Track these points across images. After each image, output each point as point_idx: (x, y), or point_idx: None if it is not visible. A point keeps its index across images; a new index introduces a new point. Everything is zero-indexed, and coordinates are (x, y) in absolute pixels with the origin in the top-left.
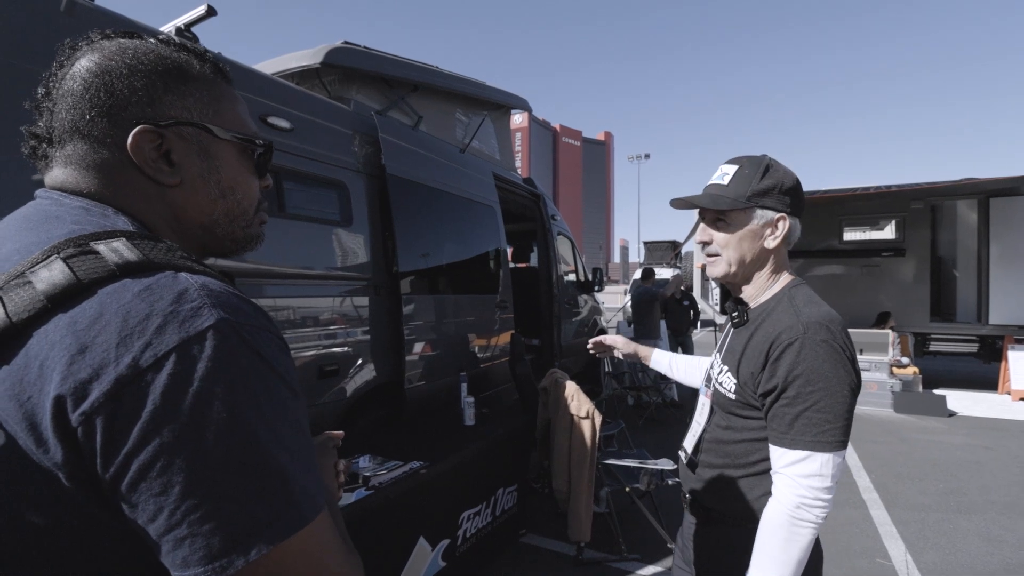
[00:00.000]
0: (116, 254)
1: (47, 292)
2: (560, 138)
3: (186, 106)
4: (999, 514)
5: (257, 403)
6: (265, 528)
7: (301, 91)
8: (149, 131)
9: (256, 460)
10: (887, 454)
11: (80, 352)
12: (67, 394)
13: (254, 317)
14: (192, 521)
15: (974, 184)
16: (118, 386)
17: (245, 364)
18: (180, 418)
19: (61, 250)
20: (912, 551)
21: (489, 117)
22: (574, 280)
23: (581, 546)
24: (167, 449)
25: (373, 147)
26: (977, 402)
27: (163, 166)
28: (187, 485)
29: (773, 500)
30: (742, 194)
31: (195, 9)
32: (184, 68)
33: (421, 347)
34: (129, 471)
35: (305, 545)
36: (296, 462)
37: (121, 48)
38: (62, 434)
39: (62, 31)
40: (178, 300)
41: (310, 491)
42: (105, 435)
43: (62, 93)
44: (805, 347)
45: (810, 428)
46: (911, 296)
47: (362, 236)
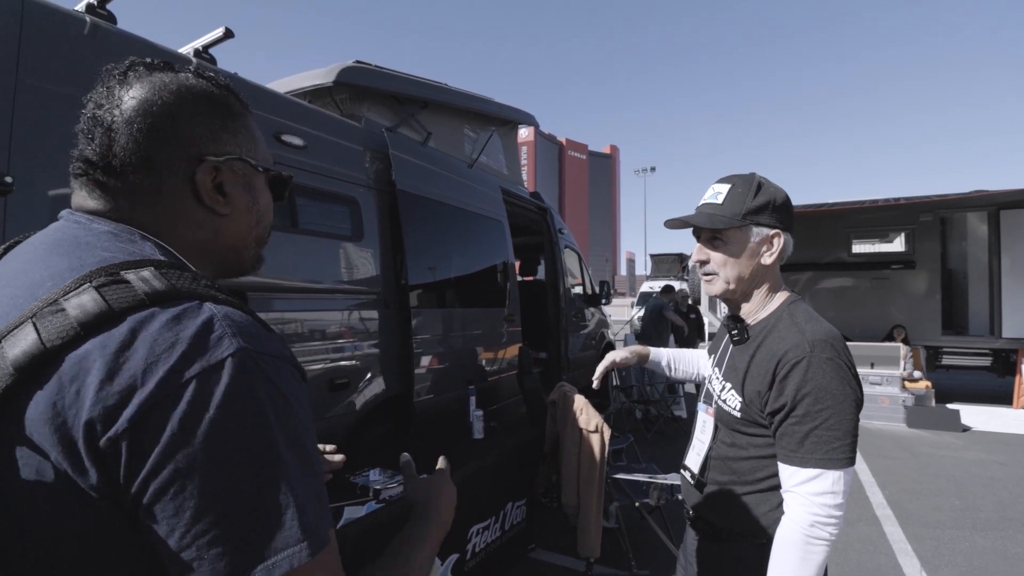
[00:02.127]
0: (145, 283)
1: (79, 319)
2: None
3: (237, 143)
4: (1016, 531)
5: (270, 435)
6: (271, 558)
7: (314, 109)
8: (213, 165)
9: (266, 490)
10: (900, 470)
11: (109, 378)
12: (96, 419)
13: (274, 347)
14: (200, 545)
15: (984, 196)
16: (142, 411)
17: (262, 395)
18: (195, 444)
19: (93, 279)
20: (928, 569)
21: (497, 132)
22: (581, 293)
23: (591, 562)
24: (181, 473)
25: (384, 163)
26: (991, 417)
27: (219, 198)
28: (198, 509)
29: (786, 519)
30: (738, 212)
31: (213, 32)
32: (232, 107)
33: (430, 360)
34: (147, 492)
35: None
36: (305, 496)
37: (178, 83)
38: (94, 457)
39: (86, 54)
40: (202, 330)
41: (316, 525)
42: (129, 458)
43: (124, 122)
44: (812, 365)
45: (820, 446)
46: (922, 309)
47: (372, 250)
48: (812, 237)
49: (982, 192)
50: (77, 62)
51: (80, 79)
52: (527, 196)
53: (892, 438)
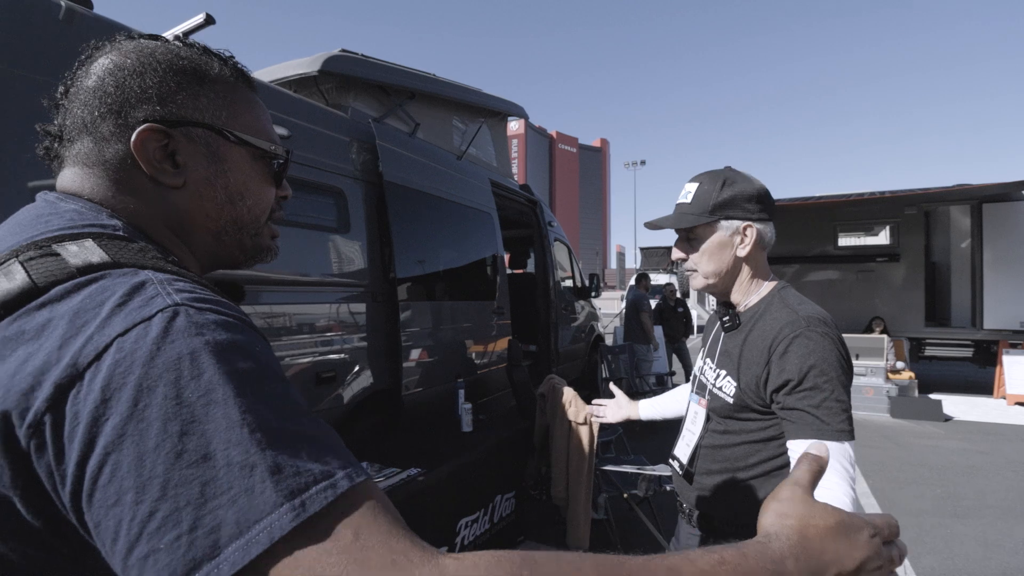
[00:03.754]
0: (78, 257)
1: (1, 299)
2: (556, 145)
3: (198, 107)
4: (996, 519)
5: (219, 385)
6: (243, 534)
7: (298, 99)
8: (155, 130)
9: (220, 452)
10: (884, 459)
11: (24, 361)
12: (12, 408)
13: (224, 307)
14: (150, 532)
15: (967, 190)
16: (58, 390)
17: (200, 344)
18: (121, 412)
19: (21, 253)
20: (909, 556)
21: (486, 124)
22: (571, 286)
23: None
24: (111, 448)
25: (370, 154)
26: (973, 406)
27: (167, 167)
28: (138, 489)
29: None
30: (704, 209)
31: (193, 18)
32: (201, 69)
33: (418, 353)
34: (83, 482)
35: (314, 540)
36: (284, 448)
37: (139, 47)
38: (13, 456)
39: (61, 40)
40: (131, 292)
41: (304, 482)
42: (54, 447)
43: (76, 90)
44: (812, 339)
45: (832, 418)
46: (906, 301)
47: (359, 243)
48: (799, 230)
49: (965, 186)
50: (52, 48)
51: (55, 65)
52: (516, 188)
53: (876, 428)
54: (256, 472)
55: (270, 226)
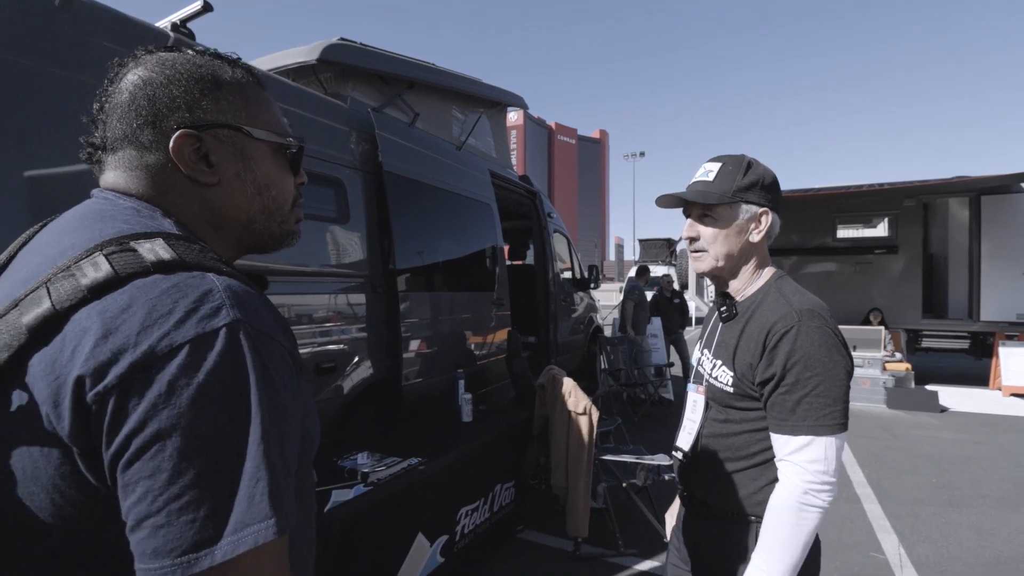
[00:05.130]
0: (152, 253)
1: (88, 284)
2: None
3: (220, 109)
4: (991, 508)
5: (253, 408)
6: (238, 531)
7: (297, 88)
8: (189, 135)
9: (243, 462)
10: (880, 449)
11: (104, 337)
12: (87, 374)
13: (269, 325)
14: (172, 510)
15: (966, 182)
16: (132, 370)
17: (250, 369)
18: (180, 406)
19: (105, 247)
20: (905, 545)
21: (485, 114)
22: (570, 277)
23: (578, 541)
24: (163, 434)
25: (370, 144)
26: (968, 398)
27: (203, 167)
28: (174, 472)
29: (780, 487)
30: (728, 190)
31: (191, 5)
32: (217, 74)
33: (418, 344)
34: (127, 451)
35: (272, 558)
36: (280, 474)
37: (160, 60)
38: (77, 411)
39: (57, 25)
40: (201, 299)
41: (285, 506)
42: (113, 414)
43: (112, 106)
44: (801, 334)
45: (811, 413)
46: (903, 293)
47: (359, 233)
48: (798, 222)
49: (964, 178)
50: (48, 34)
51: (50, 51)
52: (516, 179)
53: (872, 419)
54: (259, 487)
55: (295, 211)
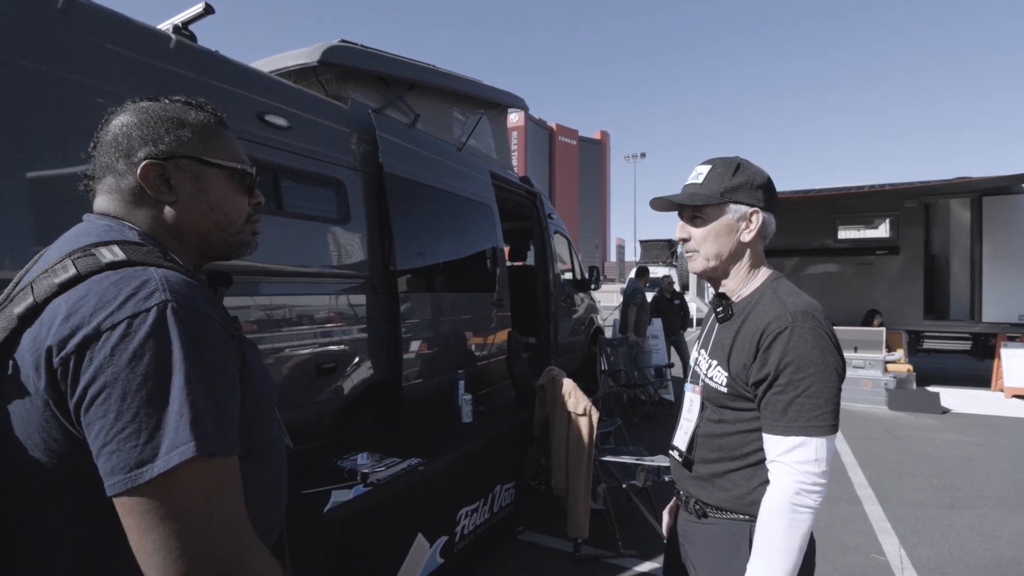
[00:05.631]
0: (108, 255)
1: (59, 282)
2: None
3: (181, 143)
4: (992, 510)
5: (171, 362)
6: (168, 453)
7: (298, 89)
8: (153, 163)
9: (167, 404)
10: (881, 451)
11: (67, 318)
12: (54, 345)
13: (199, 303)
14: (120, 439)
15: (967, 183)
16: (85, 340)
17: (173, 336)
18: (119, 364)
19: (73, 254)
20: (906, 546)
21: (486, 116)
22: (570, 278)
23: (578, 542)
24: (108, 384)
25: (370, 145)
26: (970, 399)
27: (164, 189)
28: (119, 412)
29: (772, 488)
30: (715, 191)
31: (193, 7)
32: (181, 116)
33: (418, 345)
34: (85, 399)
35: (204, 475)
36: (203, 413)
37: (138, 107)
38: (49, 372)
39: (60, 28)
40: (140, 286)
41: (209, 434)
42: (73, 373)
43: (100, 143)
44: (795, 335)
45: (803, 414)
46: (905, 294)
47: (359, 234)
48: (799, 223)
49: (966, 179)
50: (50, 36)
51: (53, 54)
52: (516, 180)
53: (874, 420)
54: (183, 419)
55: (251, 225)
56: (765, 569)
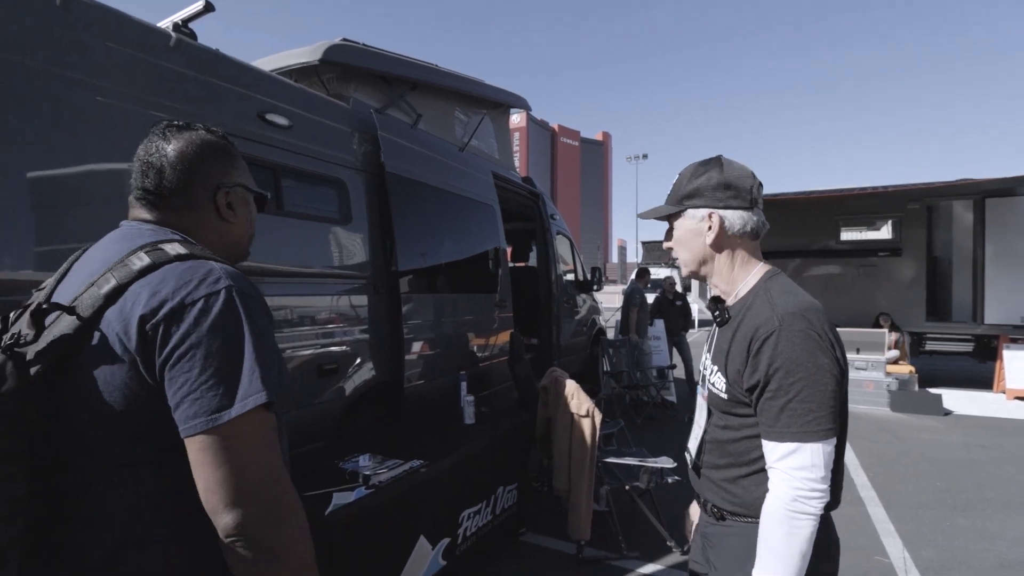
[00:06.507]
0: (173, 250)
1: (137, 268)
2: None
3: (237, 174)
4: (995, 511)
5: (243, 330)
6: (244, 399)
7: (299, 88)
8: (227, 192)
9: (241, 358)
10: (884, 452)
11: (153, 295)
12: (146, 314)
13: (251, 290)
14: (203, 389)
15: (970, 184)
16: (171, 311)
17: (239, 309)
18: (202, 331)
19: (144, 247)
20: (910, 548)
21: (488, 116)
22: (573, 279)
23: (581, 544)
24: (192, 347)
25: (372, 145)
26: (973, 401)
27: (230, 213)
28: (202, 368)
29: (770, 495)
30: (674, 199)
31: (193, 5)
32: (232, 150)
33: (420, 346)
34: (172, 358)
35: (264, 422)
36: (265, 369)
37: (200, 138)
38: (141, 335)
39: (59, 25)
40: (208, 273)
41: (271, 386)
42: (162, 337)
43: (169, 163)
44: (782, 339)
45: (796, 420)
46: (907, 296)
47: (361, 234)
48: (801, 224)
49: (968, 180)
50: (49, 33)
51: (52, 51)
52: (519, 181)
53: (876, 422)
54: (255, 374)
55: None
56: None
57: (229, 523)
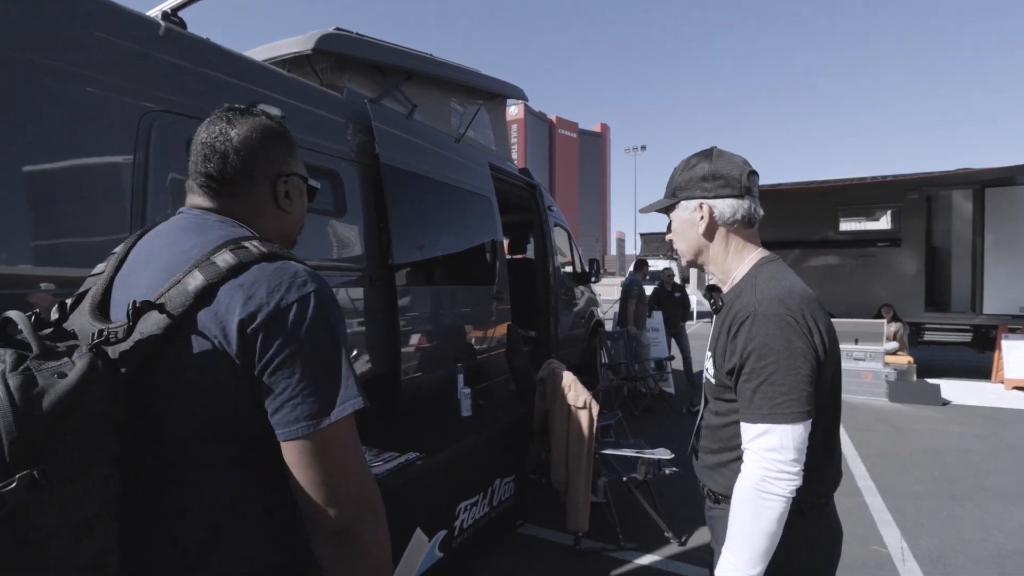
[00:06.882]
0: (257, 249)
1: (225, 267)
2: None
3: (295, 164)
4: (993, 501)
5: (336, 335)
6: (341, 404)
7: (292, 78)
8: (284, 180)
9: (337, 365)
10: (882, 443)
11: (248, 299)
12: (246, 319)
13: (328, 289)
14: (304, 395)
15: (970, 174)
16: (269, 317)
17: (328, 312)
18: (299, 338)
19: (228, 246)
20: (907, 538)
21: (485, 106)
22: (571, 271)
23: (579, 536)
24: (292, 354)
25: (366, 136)
26: (971, 391)
27: (287, 201)
28: (301, 375)
29: (741, 475)
30: (669, 192)
31: None
32: (291, 138)
33: (417, 338)
34: (272, 365)
35: (353, 425)
36: (354, 373)
37: (264, 125)
38: (241, 340)
39: (47, 15)
40: (295, 276)
41: (361, 390)
42: (262, 343)
43: (234, 148)
44: (756, 323)
45: (767, 401)
46: (906, 286)
47: (356, 226)
48: (800, 215)
49: (968, 170)
50: (36, 23)
51: (40, 40)
52: (516, 172)
53: (874, 412)
54: (350, 379)
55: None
56: (732, 554)
57: (330, 522)
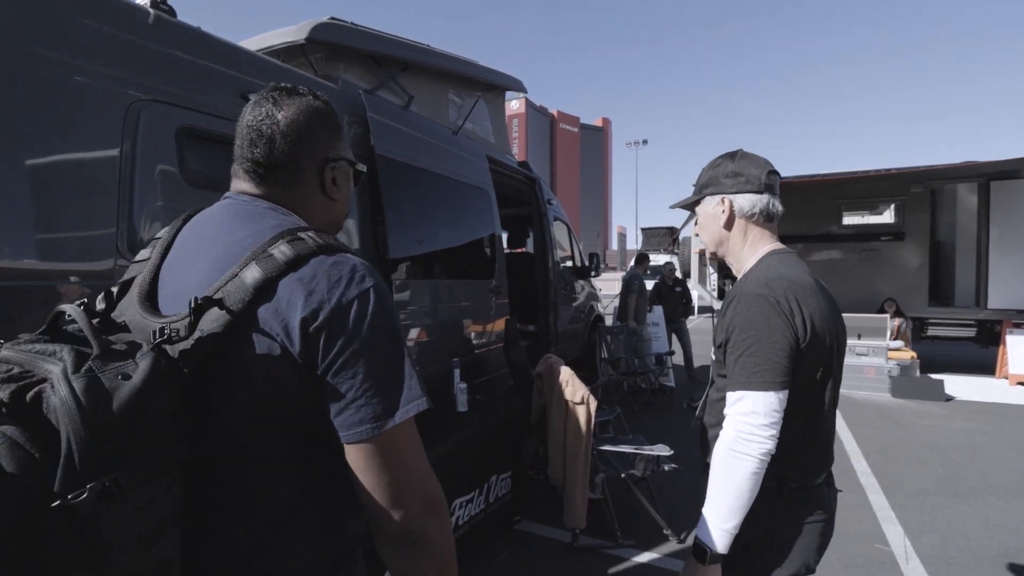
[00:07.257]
0: (313, 241)
1: (284, 260)
2: (558, 124)
3: (343, 148)
4: (998, 499)
5: (397, 331)
6: (405, 405)
7: (286, 68)
8: (332, 166)
9: (400, 365)
10: (885, 439)
11: (309, 295)
12: (308, 316)
13: (384, 284)
14: (368, 396)
15: (974, 167)
16: (331, 315)
17: (388, 308)
18: (362, 337)
19: (284, 237)
20: (910, 536)
21: (483, 98)
22: (570, 266)
23: (576, 532)
24: (355, 354)
25: (362, 127)
26: (975, 387)
27: (334, 188)
28: (365, 376)
29: (719, 439)
30: (696, 190)
31: None
32: (339, 121)
33: (414, 333)
34: (335, 365)
35: (415, 426)
36: (415, 371)
37: (312, 106)
38: (304, 337)
39: (34, 2)
40: (353, 270)
41: (424, 392)
42: (325, 342)
43: (281, 133)
44: (740, 302)
45: (744, 371)
46: (910, 281)
47: (351, 219)
48: (802, 209)
49: (973, 163)
50: (23, 11)
51: (26, 28)
52: (515, 165)
53: (877, 408)
54: (413, 379)
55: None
56: (709, 509)
57: (395, 524)
